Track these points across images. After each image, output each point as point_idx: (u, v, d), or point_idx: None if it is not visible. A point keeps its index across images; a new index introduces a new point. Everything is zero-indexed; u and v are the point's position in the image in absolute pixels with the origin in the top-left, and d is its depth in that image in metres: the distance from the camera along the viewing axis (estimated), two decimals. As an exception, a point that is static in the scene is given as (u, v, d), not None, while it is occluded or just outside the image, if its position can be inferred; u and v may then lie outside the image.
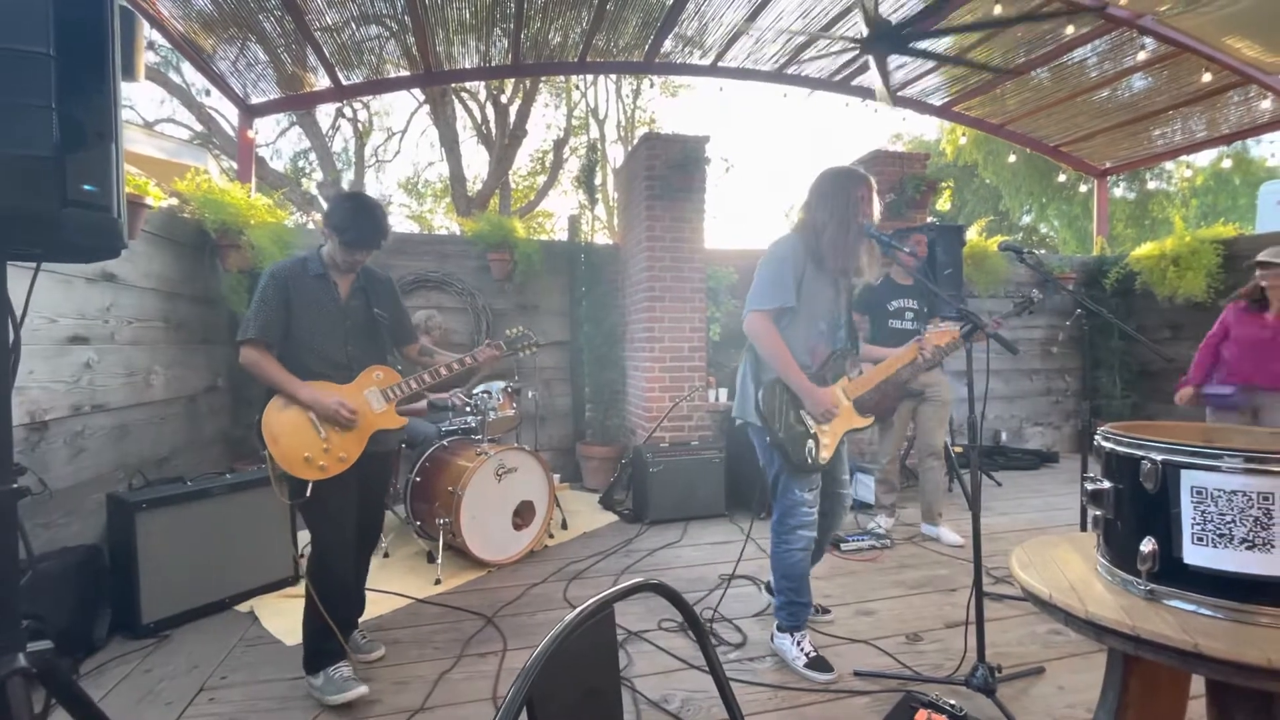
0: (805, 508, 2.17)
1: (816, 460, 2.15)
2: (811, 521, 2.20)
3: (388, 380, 2.20)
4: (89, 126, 1.05)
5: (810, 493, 2.18)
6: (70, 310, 2.68)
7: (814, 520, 2.20)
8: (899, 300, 3.52)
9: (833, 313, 2.22)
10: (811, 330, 2.17)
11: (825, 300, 2.19)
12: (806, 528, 2.19)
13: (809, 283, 2.14)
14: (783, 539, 2.22)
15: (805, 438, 2.14)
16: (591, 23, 4.69)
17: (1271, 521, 0.99)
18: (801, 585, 2.25)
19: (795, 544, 2.19)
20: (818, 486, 2.20)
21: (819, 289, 2.17)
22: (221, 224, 3.94)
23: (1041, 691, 2.09)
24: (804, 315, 2.15)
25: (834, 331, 2.23)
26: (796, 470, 2.15)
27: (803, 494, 2.17)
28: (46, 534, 2.41)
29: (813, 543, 2.22)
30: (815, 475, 2.18)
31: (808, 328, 2.16)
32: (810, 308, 2.16)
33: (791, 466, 2.15)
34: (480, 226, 4.95)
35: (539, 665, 0.64)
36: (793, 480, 2.17)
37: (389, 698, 2.08)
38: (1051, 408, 6.35)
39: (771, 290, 2.11)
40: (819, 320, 2.18)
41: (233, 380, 4.25)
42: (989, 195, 15.47)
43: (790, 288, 2.09)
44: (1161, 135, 6.24)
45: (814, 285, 2.15)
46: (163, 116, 12.27)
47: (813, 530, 2.21)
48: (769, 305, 2.10)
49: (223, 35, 4.26)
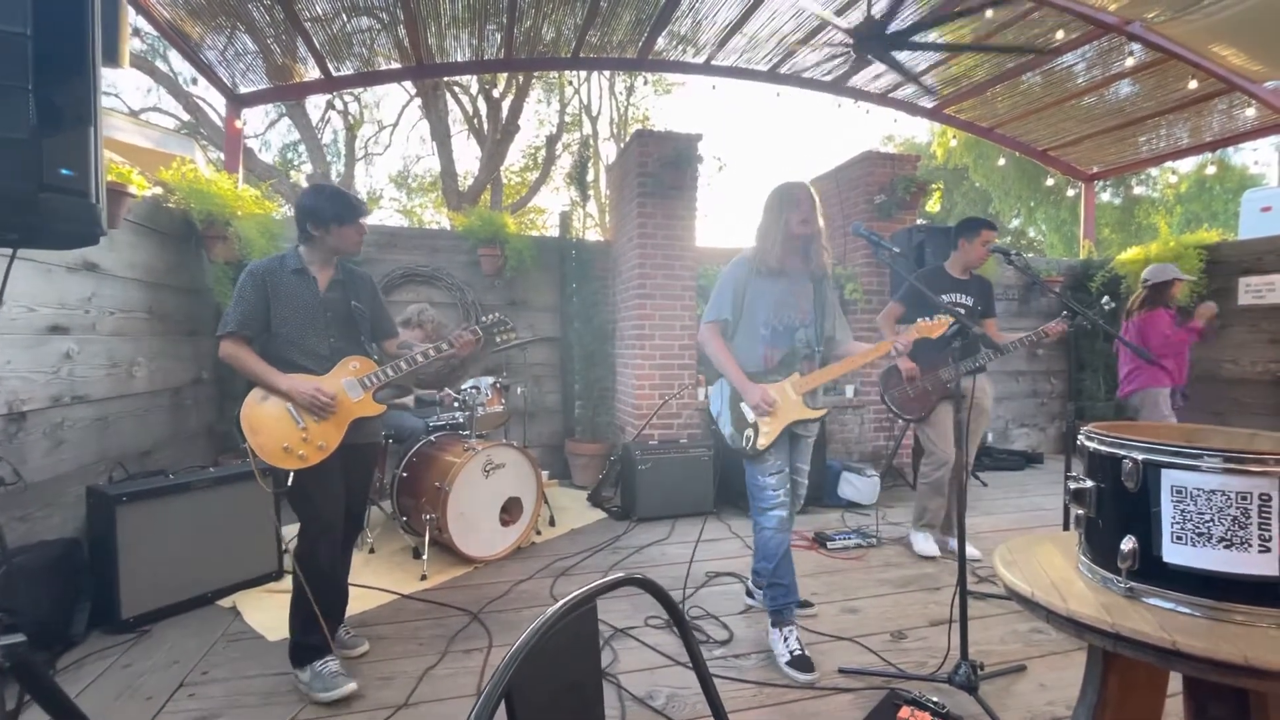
0: (770, 490, 2.37)
1: (754, 446, 2.34)
2: (779, 502, 2.37)
3: (364, 369, 2.20)
4: (67, 110, 1.02)
5: (772, 476, 2.37)
6: (50, 299, 2.63)
7: (781, 501, 2.38)
8: (951, 295, 3.22)
9: (784, 318, 2.40)
10: (752, 336, 2.41)
11: (768, 309, 2.39)
12: (775, 508, 2.37)
13: (751, 295, 2.41)
14: (757, 521, 2.42)
15: (745, 427, 2.38)
16: (585, 18, 4.68)
17: (1249, 521, 1.00)
18: (780, 566, 2.34)
19: (767, 523, 2.38)
20: (778, 472, 2.39)
21: (762, 300, 2.40)
22: (207, 214, 3.89)
23: (1023, 689, 2.11)
24: (745, 324, 2.43)
25: (790, 334, 2.41)
26: (743, 456, 2.41)
27: (764, 478, 2.37)
28: (23, 527, 2.37)
29: (785, 522, 2.39)
30: (772, 460, 2.37)
31: (749, 334, 2.43)
32: (750, 318, 2.42)
33: (736, 452, 2.42)
34: (471, 221, 4.92)
35: (519, 658, 0.63)
36: (752, 465, 2.40)
37: (373, 693, 2.07)
38: (1037, 409, 6.42)
39: (713, 305, 2.47)
40: (759, 327, 2.40)
41: (218, 373, 4.20)
42: (979, 198, 15.61)
43: (728, 304, 2.42)
44: (1147, 141, 6.33)
45: (756, 297, 2.40)
46: (148, 105, 12.09)
47: (782, 510, 2.38)
48: (710, 318, 2.48)
49: (210, 23, 4.21)
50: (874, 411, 5.01)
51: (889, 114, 6.08)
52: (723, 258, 5.13)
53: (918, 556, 3.34)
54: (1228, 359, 5.38)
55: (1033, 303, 6.26)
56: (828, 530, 3.66)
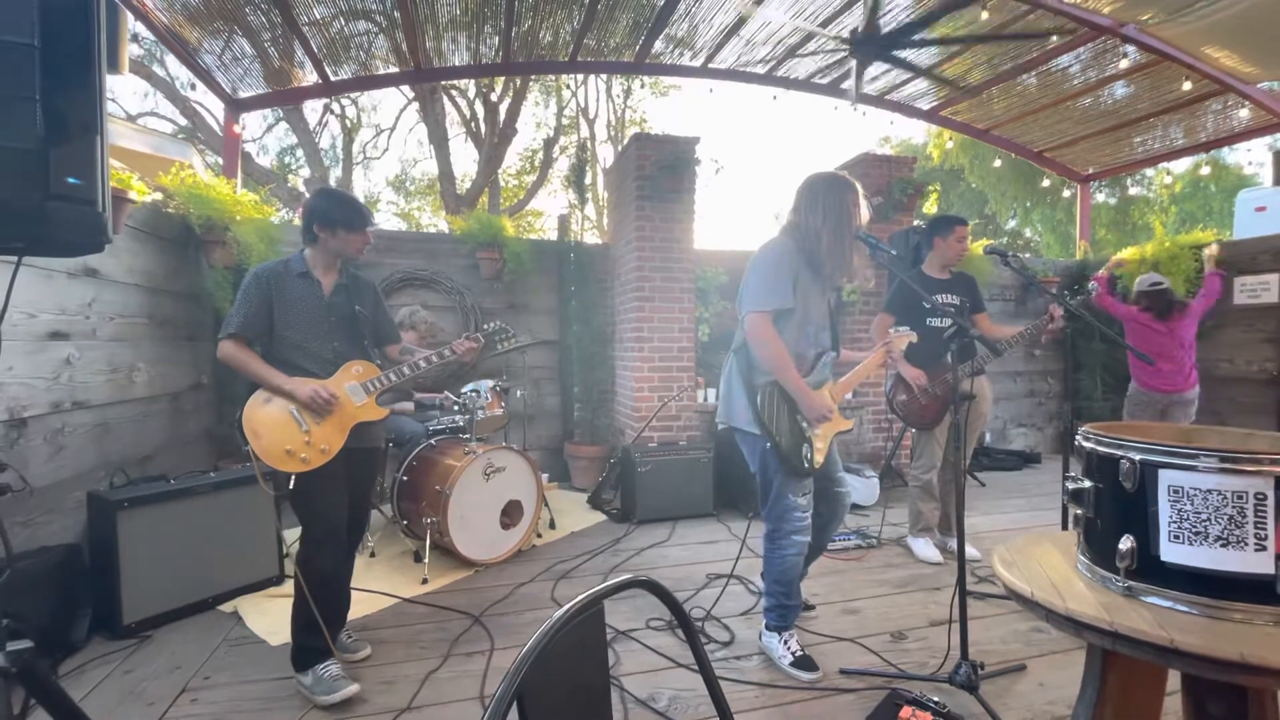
0: (799, 512, 2.16)
1: (812, 463, 2.14)
2: (805, 526, 2.17)
3: (367, 374, 2.21)
4: (73, 119, 1.03)
5: (804, 497, 2.16)
6: (50, 305, 2.63)
7: (808, 525, 2.18)
8: (937, 296, 3.18)
9: (821, 315, 2.23)
10: (803, 333, 2.17)
11: (816, 303, 2.20)
12: (800, 533, 2.17)
13: (803, 285, 2.14)
14: (777, 544, 2.20)
15: (801, 441, 2.12)
16: (583, 22, 4.69)
17: (1245, 519, 1.01)
18: (792, 589, 2.26)
19: (789, 549, 2.17)
20: (810, 491, 2.19)
21: (811, 292, 2.18)
22: (207, 219, 3.90)
23: (1023, 688, 2.12)
24: (798, 318, 2.15)
25: (820, 334, 2.24)
26: (793, 474, 2.13)
27: (796, 499, 2.15)
28: (25, 532, 2.36)
29: (806, 547, 2.21)
30: (809, 480, 2.17)
31: (800, 331, 2.16)
32: (804, 310, 2.15)
33: (788, 470, 2.13)
34: (469, 225, 4.93)
35: (529, 660, 0.64)
36: (787, 485, 2.14)
37: (375, 697, 2.07)
38: (1035, 409, 6.44)
39: (771, 292, 2.08)
40: (808, 324, 2.18)
41: (218, 378, 4.20)
42: (975, 199, 15.65)
43: (789, 289, 2.08)
44: (1142, 142, 6.36)
45: (807, 288, 2.15)
46: (146, 110, 12.09)
47: (807, 535, 2.18)
48: (769, 306, 2.07)
49: (208, 28, 4.21)
50: (872, 413, 5.03)
51: (886, 116, 6.11)
52: (721, 260, 5.14)
53: (918, 559, 3.35)
54: (1223, 358, 5.40)
55: (1029, 303, 6.29)
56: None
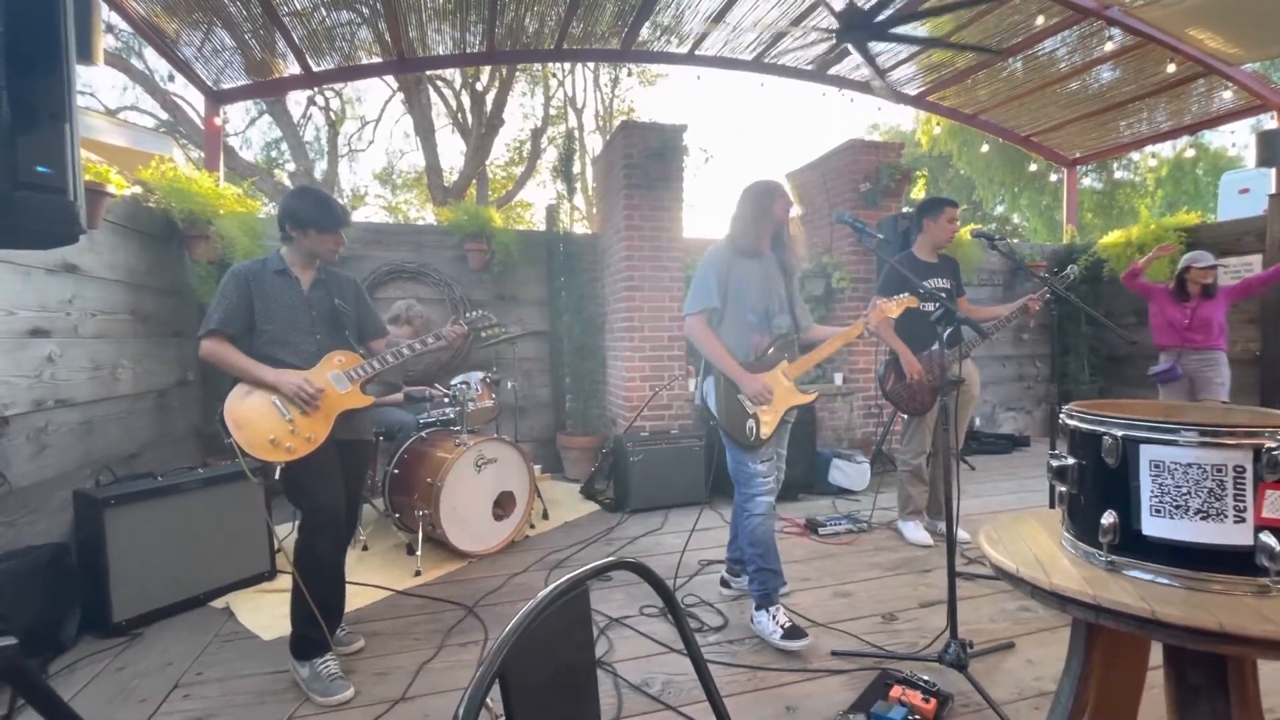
0: (760, 478, 2.38)
1: (758, 437, 2.35)
2: (769, 489, 2.40)
3: (349, 363, 2.20)
4: (41, 107, 1.00)
5: (764, 464, 2.39)
6: (30, 302, 2.59)
7: (771, 487, 2.40)
8: (927, 280, 3.12)
9: (765, 304, 2.42)
10: (741, 323, 2.40)
11: (753, 294, 2.40)
12: (764, 494, 2.39)
13: (735, 282, 2.40)
14: (744, 508, 2.42)
15: (745, 418, 2.35)
16: (567, 10, 4.64)
17: (1224, 492, 1.03)
18: (768, 550, 2.38)
19: (756, 509, 2.38)
20: (770, 458, 2.42)
21: (746, 285, 2.40)
22: (189, 214, 3.84)
23: (1011, 665, 2.15)
24: (732, 311, 2.41)
25: (769, 320, 2.43)
26: (739, 446, 2.38)
27: (755, 465, 2.37)
28: (10, 533, 2.34)
29: (772, 507, 2.40)
30: (766, 448, 2.38)
31: (737, 321, 2.41)
32: (738, 304, 2.40)
33: (734, 443, 2.38)
34: (457, 216, 4.89)
35: (510, 641, 0.64)
36: (743, 453, 2.38)
37: (369, 689, 2.07)
38: (1023, 393, 6.50)
39: (698, 295, 2.41)
40: (747, 314, 2.40)
41: (204, 374, 4.16)
42: (963, 185, 15.69)
43: (714, 291, 2.38)
44: (1128, 126, 6.39)
45: (741, 283, 2.40)
46: (125, 104, 11.87)
47: (771, 495, 2.39)
48: (697, 308, 2.40)
49: (186, 19, 4.14)
50: (862, 399, 5.05)
51: (873, 103, 6.09)
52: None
53: (908, 542, 3.38)
54: (1208, 339, 5.45)
55: (1017, 288, 6.32)
56: (819, 516, 3.69)
